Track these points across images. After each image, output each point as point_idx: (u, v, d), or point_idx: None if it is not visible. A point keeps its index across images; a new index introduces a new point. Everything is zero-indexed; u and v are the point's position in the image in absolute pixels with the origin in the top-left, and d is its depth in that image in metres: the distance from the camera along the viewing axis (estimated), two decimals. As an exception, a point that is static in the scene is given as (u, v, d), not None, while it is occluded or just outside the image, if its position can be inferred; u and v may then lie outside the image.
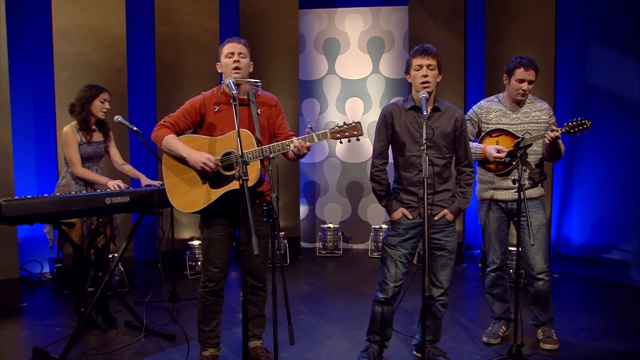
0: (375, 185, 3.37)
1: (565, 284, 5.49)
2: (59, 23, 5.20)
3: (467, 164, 3.37)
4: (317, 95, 7.31)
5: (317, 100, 7.31)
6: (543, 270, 3.74)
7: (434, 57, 3.21)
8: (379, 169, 3.36)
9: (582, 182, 6.24)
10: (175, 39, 6.03)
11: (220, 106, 3.31)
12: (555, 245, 6.42)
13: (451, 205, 3.31)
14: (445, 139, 3.27)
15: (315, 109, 7.32)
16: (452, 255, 3.33)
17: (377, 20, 7.12)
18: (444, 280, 3.35)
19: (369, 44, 7.17)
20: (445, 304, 3.39)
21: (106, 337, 4.12)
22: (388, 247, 3.33)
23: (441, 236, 3.30)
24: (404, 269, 3.34)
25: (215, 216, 3.32)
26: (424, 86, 3.18)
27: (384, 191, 3.36)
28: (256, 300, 3.55)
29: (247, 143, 3.14)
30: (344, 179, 7.32)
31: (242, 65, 3.27)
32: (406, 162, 3.28)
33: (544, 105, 3.80)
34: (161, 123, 3.31)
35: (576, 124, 3.54)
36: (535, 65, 3.68)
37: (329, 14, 7.22)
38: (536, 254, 3.74)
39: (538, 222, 3.75)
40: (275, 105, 3.46)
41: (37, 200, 3.39)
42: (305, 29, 7.27)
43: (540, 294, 3.77)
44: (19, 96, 5.70)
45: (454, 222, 3.34)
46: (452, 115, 3.31)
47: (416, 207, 3.29)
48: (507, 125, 3.76)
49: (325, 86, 7.28)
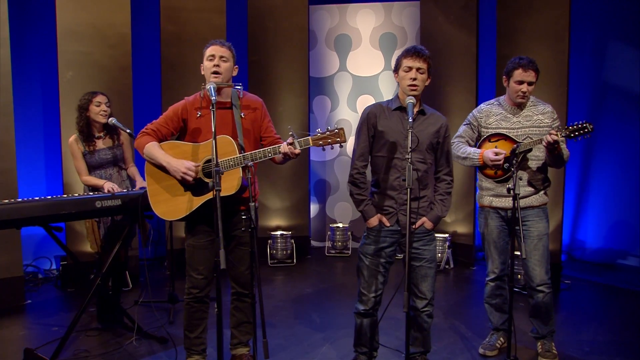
0: (354, 188, 3.25)
1: (576, 291, 5.29)
2: (63, 23, 5.22)
3: (448, 172, 3.27)
4: (328, 93, 7.21)
5: (328, 97, 7.21)
6: (543, 282, 3.58)
7: (425, 60, 3.09)
8: (359, 171, 3.24)
9: (598, 184, 6.01)
10: (181, 37, 5.99)
11: (203, 111, 3.25)
12: (569, 250, 6.21)
13: (430, 213, 3.20)
14: (428, 143, 3.17)
15: (326, 106, 7.22)
16: (432, 265, 3.22)
17: (389, 16, 6.97)
18: (426, 290, 3.23)
19: (381, 40, 7.02)
20: (431, 314, 3.28)
21: (101, 338, 4.14)
22: (364, 256, 3.23)
23: (419, 245, 3.19)
24: (382, 278, 3.24)
25: (198, 223, 3.28)
26: (411, 89, 3.08)
27: (362, 195, 3.24)
28: (242, 307, 3.50)
29: (228, 150, 3.09)
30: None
31: (222, 70, 3.20)
32: (387, 164, 3.17)
33: (547, 108, 3.63)
34: (143, 130, 3.29)
35: (577, 127, 3.37)
36: (535, 66, 3.51)
37: (341, 9, 7.09)
38: (536, 265, 3.58)
39: (539, 232, 3.59)
40: (260, 108, 3.38)
41: (23, 204, 3.39)
42: (316, 25, 7.16)
43: (540, 306, 3.62)
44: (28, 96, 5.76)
45: (432, 230, 3.23)
46: (436, 120, 3.21)
47: (394, 213, 3.18)
48: (507, 129, 3.61)
49: (337, 83, 7.17)
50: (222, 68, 3.20)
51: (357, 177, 3.24)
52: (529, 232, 3.60)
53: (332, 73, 7.17)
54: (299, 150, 3.01)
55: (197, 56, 6.01)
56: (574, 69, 5.49)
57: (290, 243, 6.42)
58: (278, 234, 6.37)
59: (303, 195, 6.72)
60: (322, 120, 7.22)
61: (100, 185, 4.07)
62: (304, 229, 6.76)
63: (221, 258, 2.54)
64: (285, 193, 6.70)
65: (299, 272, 6.09)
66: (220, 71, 3.20)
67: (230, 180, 3.08)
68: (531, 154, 3.56)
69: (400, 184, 3.13)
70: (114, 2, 5.44)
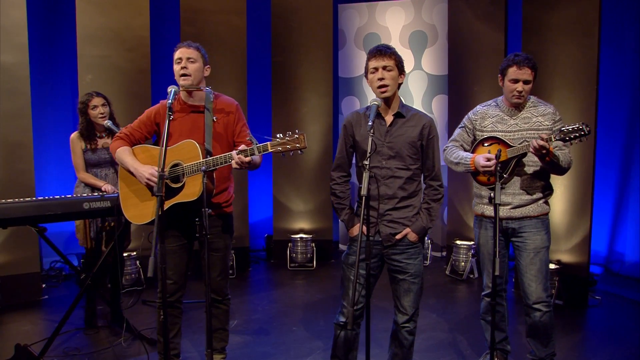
0: (333, 198, 3.11)
1: (607, 309, 4.84)
2: (83, 27, 5.36)
3: (434, 177, 3.03)
4: (357, 93, 7.04)
5: (357, 98, 7.04)
6: (540, 300, 3.27)
7: (390, 56, 2.89)
8: (337, 182, 3.11)
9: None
10: (201, 38, 5.92)
11: (175, 114, 3.21)
12: (606, 262, 5.72)
13: (414, 223, 2.98)
14: (410, 148, 2.95)
15: (355, 107, 7.04)
16: (416, 280, 3.00)
17: (419, 13, 6.70)
18: (407, 306, 3.02)
19: (410, 38, 6.77)
20: (412, 331, 3.07)
21: (97, 337, 4.21)
22: (346, 266, 3.06)
23: (402, 258, 2.99)
24: (364, 290, 3.06)
25: (168, 227, 3.25)
26: (382, 90, 2.89)
27: (342, 204, 3.09)
28: (217, 313, 3.45)
29: (192, 154, 3.05)
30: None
31: (191, 71, 3.17)
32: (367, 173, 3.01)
33: (548, 108, 3.32)
34: (117, 134, 3.33)
35: (572, 130, 3.05)
36: (531, 63, 3.22)
37: (370, 7, 6.90)
38: (532, 281, 3.28)
39: (535, 245, 3.29)
40: (233, 111, 3.31)
41: (11, 205, 3.50)
42: (345, 24, 7.00)
43: (538, 327, 3.31)
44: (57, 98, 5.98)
45: (418, 242, 3.01)
46: (418, 122, 2.98)
47: (375, 223, 3.00)
48: (503, 132, 3.33)
49: (365, 84, 6.93)
50: (190, 70, 3.18)
51: (335, 188, 3.12)
52: (524, 245, 3.31)
53: (361, 73, 6.95)
54: (247, 158, 2.91)
55: (217, 58, 6.10)
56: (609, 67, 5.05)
57: (311, 247, 6.30)
58: (298, 237, 6.27)
59: (325, 198, 6.58)
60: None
61: (100, 186, 4.15)
62: (327, 232, 6.62)
63: (150, 265, 2.48)
64: (309, 195, 6.59)
65: (316, 277, 5.96)
66: (189, 73, 3.17)
67: (193, 186, 3.03)
68: (527, 159, 3.26)
69: (380, 193, 2.96)
70: (133, 6, 5.54)
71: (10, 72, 4.89)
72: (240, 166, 2.94)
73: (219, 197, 3.29)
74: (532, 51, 5.02)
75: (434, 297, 5.19)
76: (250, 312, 4.80)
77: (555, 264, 4.86)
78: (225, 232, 3.36)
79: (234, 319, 4.59)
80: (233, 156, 2.92)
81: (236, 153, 2.92)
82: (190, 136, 3.12)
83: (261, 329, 4.39)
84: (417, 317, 3.08)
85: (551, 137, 3.04)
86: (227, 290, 3.46)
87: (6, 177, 4.91)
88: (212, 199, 3.22)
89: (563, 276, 4.82)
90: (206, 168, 2.93)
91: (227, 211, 3.37)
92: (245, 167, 2.96)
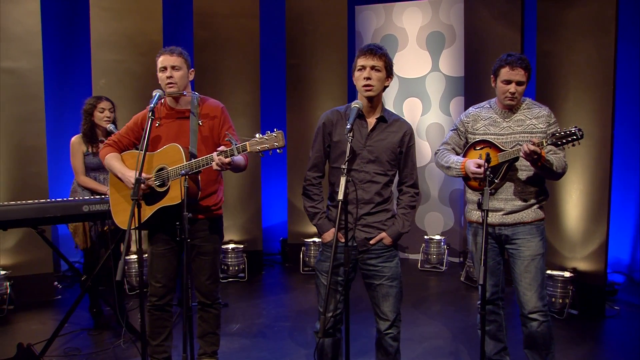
0: (307, 201, 3.01)
1: (626, 320, 4.61)
2: (96, 32, 5.47)
3: (412, 184, 2.99)
4: (375, 96, 6.93)
5: (374, 100, 6.93)
6: (536, 310, 3.13)
7: (380, 57, 2.83)
8: (311, 182, 3.02)
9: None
10: (214, 42, 6.06)
11: (162, 120, 3.26)
12: (629, 271, 5.45)
13: (390, 228, 2.91)
14: (390, 154, 2.89)
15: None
16: (393, 283, 2.92)
17: (436, 14, 6.57)
18: (388, 311, 2.94)
19: (428, 39, 6.64)
20: (395, 337, 2.98)
21: (99, 338, 4.28)
22: (320, 273, 3.00)
23: (378, 262, 2.91)
24: (340, 296, 2.99)
25: (157, 231, 3.28)
26: (366, 89, 2.83)
27: (316, 208, 3.00)
28: (207, 317, 3.45)
29: (175, 158, 3.07)
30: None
31: (176, 79, 3.20)
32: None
33: (542, 111, 3.18)
34: (106, 141, 3.38)
35: (564, 134, 2.91)
36: (524, 64, 3.09)
37: (387, 9, 6.80)
38: (527, 290, 3.14)
39: (530, 252, 3.15)
40: (219, 115, 3.31)
41: (11, 207, 3.59)
42: (362, 26, 6.93)
43: (535, 337, 3.17)
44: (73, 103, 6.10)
45: (393, 246, 2.93)
46: (400, 128, 2.93)
47: (350, 228, 2.92)
48: (495, 135, 3.20)
49: (383, 86, 6.86)
50: (175, 77, 3.20)
51: (309, 189, 3.02)
52: (518, 252, 3.17)
53: (378, 75, 6.87)
54: (227, 159, 2.89)
55: (230, 61, 6.16)
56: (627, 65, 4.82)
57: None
58: (311, 241, 6.21)
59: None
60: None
61: (103, 191, 4.20)
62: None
63: (119, 269, 2.48)
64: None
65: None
66: (174, 81, 3.21)
67: (177, 190, 3.04)
68: (520, 164, 3.13)
69: (357, 197, 2.89)
70: (146, 11, 5.61)
71: (25, 77, 5.04)
72: (221, 167, 2.91)
73: (207, 200, 3.28)
74: (547, 51, 4.88)
75: (445, 304, 5.06)
76: (254, 316, 4.78)
77: (570, 272, 4.66)
78: (214, 235, 3.35)
79: (237, 323, 4.58)
80: (214, 158, 2.91)
81: (216, 154, 2.90)
82: (177, 141, 3.14)
83: (261, 334, 4.36)
84: (400, 322, 3.00)
85: (543, 141, 2.92)
86: (217, 294, 3.45)
87: (20, 180, 5.05)
88: (201, 202, 3.22)
89: (578, 285, 4.62)
90: (186, 172, 2.93)
91: (216, 214, 3.35)
92: (226, 168, 2.93)
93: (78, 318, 4.66)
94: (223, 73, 6.09)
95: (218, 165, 2.90)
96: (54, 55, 6.04)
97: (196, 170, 2.98)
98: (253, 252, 6.13)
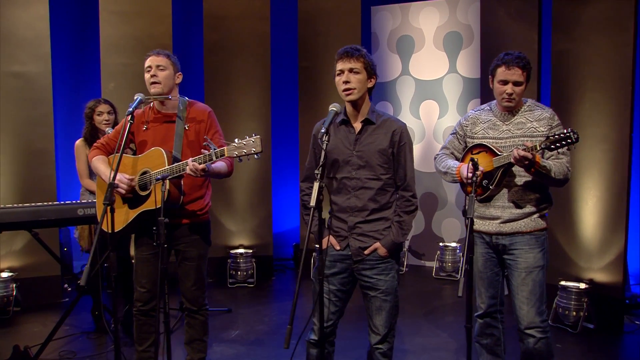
0: (303, 209, 2.99)
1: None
2: (106, 36, 5.50)
3: (406, 187, 2.81)
4: (390, 99, 6.78)
5: (390, 103, 6.79)
6: (533, 325, 2.94)
7: (357, 59, 2.73)
8: (306, 193, 2.97)
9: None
10: (225, 45, 6.01)
11: (149, 124, 3.24)
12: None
13: (384, 237, 2.77)
14: (380, 157, 2.76)
15: (389, 112, 6.78)
16: (388, 297, 2.79)
17: (454, 13, 6.37)
18: (379, 325, 2.82)
19: (445, 40, 6.44)
20: (385, 353, 2.84)
21: (97, 342, 4.27)
22: (316, 280, 2.89)
23: (372, 274, 2.78)
24: (334, 307, 2.89)
25: (142, 236, 3.23)
26: (347, 94, 2.75)
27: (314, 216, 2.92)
28: (193, 323, 3.37)
29: (158, 162, 3.05)
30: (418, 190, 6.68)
31: (161, 79, 3.15)
32: (338, 185, 2.85)
33: (544, 113, 2.99)
34: (94, 144, 3.37)
35: (558, 138, 2.72)
36: (522, 63, 2.92)
37: (403, 9, 6.63)
38: (523, 304, 2.96)
39: (528, 265, 2.96)
40: (205, 119, 3.26)
41: (5, 210, 3.63)
42: (378, 27, 6.78)
43: (532, 355, 2.97)
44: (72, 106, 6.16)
45: (389, 257, 2.79)
46: (388, 128, 2.79)
47: (345, 236, 2.81)
48: (495, 139, 3.03)
49: (399, 88, 6.72)
50: (160, 77, 3.16)
51: (304, 199, 2.97)
52: (515, 264, 2.99)
53: (394, 77, 6.73)
54: (201, 165, 2.83)
55: (240, 64, 6.11)
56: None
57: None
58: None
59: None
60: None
61: None
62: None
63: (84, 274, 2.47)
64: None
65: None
66: (158, 80, 3.16)
67: (158, 194, 2.98)
68: (518, 169, 2.94)
69: (350, 205, 2.80)
70: (156, 14, 5.62)
71: (34, 81, 5.10)
72: (195, 173, 2.86)
73: (192, 205, 3.22)
74: (562, 51, 4.65)
75: (457, 314, 4.86)
76: (256, 323, 4.69)
77: (586, 283, 4.40)
78: (200, 241, 3.28)
79: (237, 329, 4.51)
80: (188, 163, 2.86)
81: (191, 160, 2.86)
82: (163, 145, 3.12)
83: (259, 341, 4.27)
84: (393, 338, 2.86)
85: (536, 145, 2.74)
86: (204, 300, 3.37)
87: (29, 183, 5.11)
88: (187, 206, 3.18)
89: (595, 297, 4.36)
90: (162, 177, 2.89)
91: (202, 220, 3.29)
92: (200, 174, 2.87)
93: (80, 321, 4.68)
94: (233, 76, 6.04)
95: (192, 170, 2.85)
96: (65, 59, 6.11)
97: (175, 175, 2.94)
98: (263, 257, 6.05)
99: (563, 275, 4.51)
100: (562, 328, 4.37)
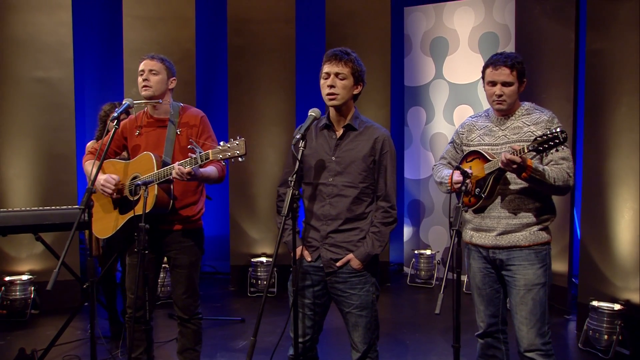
0: (277, 217, 2.79)
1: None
2: (129, 41, 5.53)
3: (385, 198, 2.64)
4: (424, 103, 6.50)
5: (423, 108, 6.51)
6: (534, 348, 2.67)
7: (345, 63, 2.60)
8: (282, 198, 2.79)
9: None
10: (249, 49, 5.93)
11: (142, 129, 3.21)
12: None
13: (358, 249, 2.59)
14: (360, 164, 2.61)
15: (421, 118, 6.52)
16: (363, 312, 2.62)
17: (490, 13, 6.03)
18: (358, 342, 2.66)
19: (480, 41, 6.11)
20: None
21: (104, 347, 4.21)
22: (290, 294, 2.73)
23: (345, 287, 2.62)
24: (309, 321, 2.74)
25: (134, 242, 3.15)
26: (330, 98, 2.61)
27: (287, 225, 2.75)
28: (185, 332, 3.30)
29: (147, 167, 3.01)
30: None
31: (152, 83, 3.12)
32: (313, 191, 2.69)
33: (543, 116, 2.73)
34: (89, 150, 3.39)
35: (546, 138, 2.45)
36: (511, 62, 2.69)
37: (437, 9, 6.35)
38: (522, 324, 2.70)
39: (527, 282, 2.69)
40: (197, 124, 3.21)
41: (10, 213, 3.67)
42: (411, 28, 6.52)
43: None
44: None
45: (363, 270, 2.58)
46: (371, 135, 2.65)
47: (317, 247, 2.64)
48: (489, 146, 2.80)
49: (432, 92, 6.43)
50: (151, 81, 3.13)
51: (279, 204, 2.82)
52: (514, 281, 2.73)
53: (428, 81, 6.45)
54: (187, 169, 2.78)
55: (264, 68, 6.01)
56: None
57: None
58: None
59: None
60: (416, 134, 6.54)
61: None
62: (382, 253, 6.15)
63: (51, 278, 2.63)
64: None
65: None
66: (150, 84, 3.13)
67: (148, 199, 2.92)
68: (512, 176, 2.68)
69: (324, 213, 2.64)
70: (180, 19, 5.62)
71: (56, 87, 5.17)
72: (181, 177, 2.80)
73: (185, 211, 3.15)
74: (597, 51, 4.28)
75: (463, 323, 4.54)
76: (267, 334, 4.51)
77: (621, 304, 3.99)
78: (192, 248, 3.21)
79: (246, 339, 4.38)
80: (174, 167, 2.81)
81: (177, 164, 2.82)
82: (156, 150, 3.09)
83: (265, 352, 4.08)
84: (375, 353, 2.71)
85: (524, 147, 2.47)
86: (196, 308, 3.28)
87: (50, 187, 5.17)
88: (179, 212, 3.12)
89: (630, 320, 3.94)
90: (144, 182, 2.86)
91: (194, 226, 3.21)
92: (187, 178, 2.81)
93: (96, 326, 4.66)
94: (258, 81, 5.94)
95: (177, 174, 2.79)
96: (90, 65, 6.20)
97: (163, 180, 2.90)
98: (282, 266, 5.89)
99: (596, 295, 4.11)
100: (592, 352, 4.00)
